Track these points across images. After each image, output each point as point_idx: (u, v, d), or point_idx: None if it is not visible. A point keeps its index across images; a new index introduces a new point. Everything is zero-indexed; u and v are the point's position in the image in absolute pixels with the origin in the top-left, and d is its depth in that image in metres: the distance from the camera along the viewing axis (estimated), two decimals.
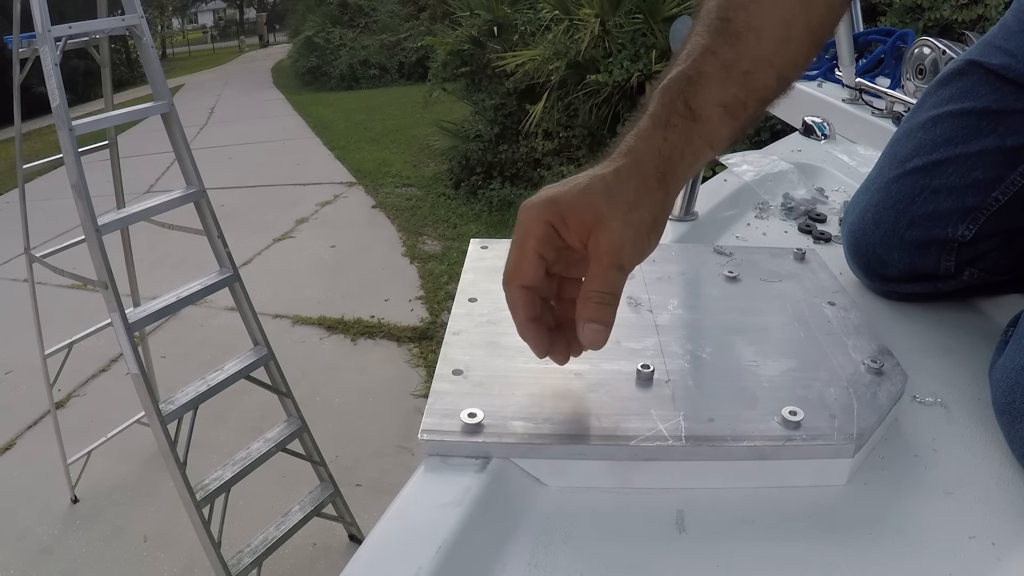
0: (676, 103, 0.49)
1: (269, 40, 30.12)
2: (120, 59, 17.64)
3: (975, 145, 0.68)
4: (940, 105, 0.72)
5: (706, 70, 0.50)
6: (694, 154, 0.49)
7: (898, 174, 0.72)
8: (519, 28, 5.35)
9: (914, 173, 0.71)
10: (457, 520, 0.43)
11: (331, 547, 2.41)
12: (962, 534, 0.44)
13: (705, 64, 0.50)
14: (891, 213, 0.71)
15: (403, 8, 12.70)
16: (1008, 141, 0.67)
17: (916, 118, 0.75)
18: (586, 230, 0.46)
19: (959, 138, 0.69)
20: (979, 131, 0.68)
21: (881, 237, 0.72)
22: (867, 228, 0.73)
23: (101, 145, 2.55)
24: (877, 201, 0.73)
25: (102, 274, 1.74)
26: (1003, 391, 0.51)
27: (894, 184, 0.72)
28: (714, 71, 0.50)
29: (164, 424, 1.81)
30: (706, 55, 0.50)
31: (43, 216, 4.01)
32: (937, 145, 0.70)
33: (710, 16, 0.52)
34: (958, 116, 0.70)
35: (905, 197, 0.71)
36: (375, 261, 4.79)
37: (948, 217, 0.68)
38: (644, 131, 0.49)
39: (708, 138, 0.49)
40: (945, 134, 0.70)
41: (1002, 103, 0.68)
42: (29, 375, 3.37)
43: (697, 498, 0.47)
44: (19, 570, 2.45)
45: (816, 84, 1.45)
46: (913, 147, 0.72)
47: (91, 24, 1.88)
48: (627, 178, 0.47)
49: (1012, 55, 0.68)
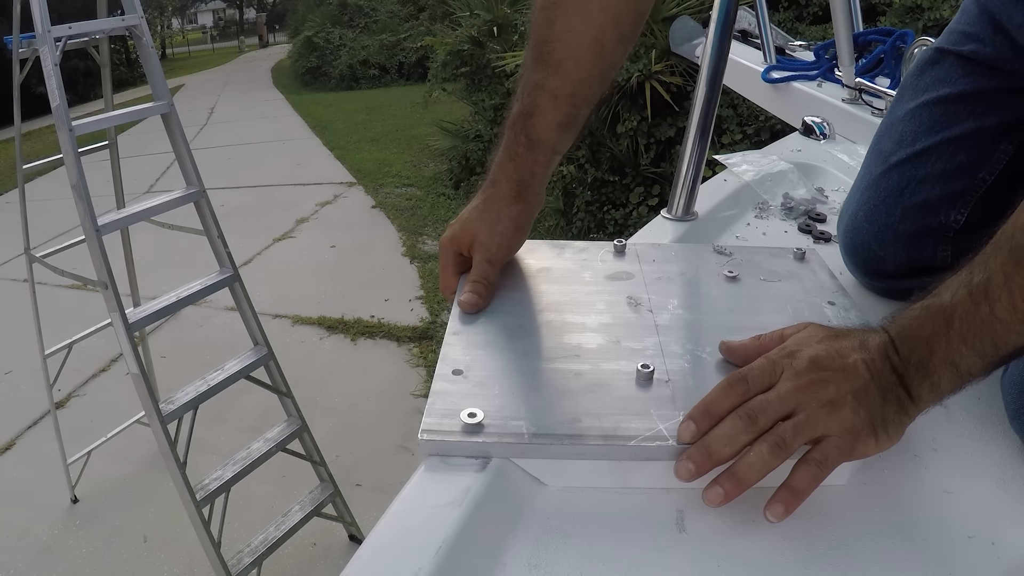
0: (519, 136, 0.65)
1: (269, 40, 30.10)
2: (120, 59, 17.63)
3: (955, 130, 0.69)
4: (917, 96, 0.73)
5: (539, 102, 0.64)
6: (543, 165, 0.66)
7: (884, 169, 0.73)
8: (519, 28, 5.35)
9: (899, 166, 0.72)
10: (457, 520, 0.43)
11: (331, 547, 2.41)
12: (962, 534, 0.44)
13: (537, 97, 0.64)
14: (882, 208, 0.72)
15: (403, 8, 12.69)
16: (987, 121, 0.68)
17: (895, 112, 0.76)
18: (470, 245, 0.67)
19: (939, 125, 0.70)
20: (957, 116, 0.70)
21: (875, 233, 0.72)
22: (860, 226, 0.74)
23: (101, 145, 2.55)
24: (868, 198, 0.74)
25: (102, 274, 1.74)
26: (1013, 397, 0.52)
27: (881, 180, 0.73)
28: (545, 102, 0.64)
29: (164, 424, 1.81)
30: (536, 90, 0.64)
31: (43, 216, 4.00)
32: (919, 135, 0.71)
33: (535, 49, 0.64)
34: (935, 104, 0.71)
35: (894, 191, 0.71)
36: (375, 261, 4.79)
37: (939, 205, 0.69)
38: (500, 164, 0.67)
39: (551, 152, 0.66)
40: (925, 123, 0.71)
41: (976, 85, 0.69)
42: (29, 375, 3.36)
43: (697, 498, 0.47)
44: (19, 570, 2.45)
45: (816, 84, 1.45)
46: (895, 140, 0.73)
47: (91, 24, 1.88)
48: (489, 204, 0.67)
49: (979, 40, 0.70)
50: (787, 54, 1.63)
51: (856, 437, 0.47)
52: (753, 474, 0.46)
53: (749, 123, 3.84)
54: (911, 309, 0.49)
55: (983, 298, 0.45)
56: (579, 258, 0.72)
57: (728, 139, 3.89)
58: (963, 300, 0.46)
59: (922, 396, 0.48)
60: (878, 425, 0.47)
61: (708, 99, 0.88)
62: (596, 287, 0.66)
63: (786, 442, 0.47)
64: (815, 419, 0.47)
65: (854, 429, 0.47)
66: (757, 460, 0.46)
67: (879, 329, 0.50)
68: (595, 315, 0.61)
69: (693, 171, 0.91)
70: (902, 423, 0.48)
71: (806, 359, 0.50)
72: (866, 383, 0.48)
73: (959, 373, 0.47)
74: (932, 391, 0.48)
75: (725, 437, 0.47)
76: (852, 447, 0.47)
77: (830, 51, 1.46)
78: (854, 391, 0.48)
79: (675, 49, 1.77)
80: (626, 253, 0.72)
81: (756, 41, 1.62)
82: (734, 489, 0.46)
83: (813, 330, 0.53)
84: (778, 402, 0.48)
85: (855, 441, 0.47)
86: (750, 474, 0.46)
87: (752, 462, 0.46)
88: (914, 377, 0.48)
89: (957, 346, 0.46)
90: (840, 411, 0.47)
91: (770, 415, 0.48)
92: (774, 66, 1.54)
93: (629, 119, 4.30)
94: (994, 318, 0.44)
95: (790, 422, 0.47)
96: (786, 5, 4.23)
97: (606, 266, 0.70)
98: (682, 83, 4.04)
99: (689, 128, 0.89)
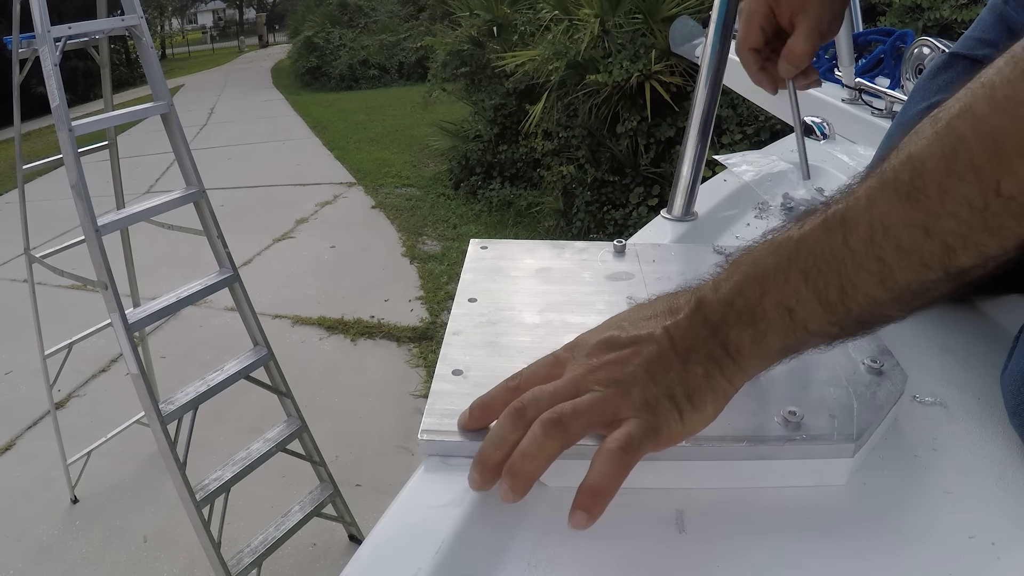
0: None
1: (269, 40, 30.10)
2: (120, 59, 17.63)
3: None
4: (928, 97, 0.74)
5: None
6: None
7: None
8: (519, 28, 5.35)
9: None
10: (457, 520, 0.43)
11: (331, 547, 2.41)
12: (962, 534, 0.44)
13: None
14: None
15: (403, 8, 12.69)
16: None
17: (907, 112, 0.77)
18: (793, 11, 0.68)
19: None
20: None
21: None
22: None
23: (101, 145, 2.55)
24: None
25: (102, 274, 1.74)
26: (1012, 393, 0.52)
27: None
28: None
29: (164, 424, 1.81)
30: None
31: (43, 216, 4.01)
32: None
33: None
34: None
35: None
36: (375, 261, 4.79)
37: None
38: None
39: None
40: None
41: None
42: (29, 375, 3.37)
43: (697, 498, 0.47)
44: (19, 570, 2.45)
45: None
46: None
47: (91, 24, 1.88)
48: None
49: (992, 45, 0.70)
50: None
51: (654, 413, 0.41)
52: (530, 462, 0.41)
53: (749, 123, 3.84)
54: (753, 245, 0.42)
55: (839, 226, 0.38)
56: (579, 258, 0.71)
57: (728, 139, 3.89)
58: (815, 229, 0.39)
59: (742, 349, 0.41)
60: (679, 395, 0.41)
61: (708, 99, 0.87)
62: (596, 287, 0.66)
63: (563, 421, 0.41)
64: (601, 399, 0.42)
65: (648, 405, 0.41)
66: (531, 445, 0.41)
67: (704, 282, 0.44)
68: (595, 315, 0.61)
69: (693, 171, 0.91)
70: (715, 389, 0.42)
71: (592, 343, 0.45)
72: (662, 350, 0.42)
73: (793, 323, 0.40)
74: (756, 343, 0.41)
75: (495, 439, 0.42)
76: (654, 426, 0.41)
77: (830, 51, 1.46)
78: (647, 362, 0.42)
79: (675, 49, 1.77)
80: (626, 253, 0.72)
81: None
82: (514, 483, 0.41)
83: (627, 311, 0.47)
84: (551, 392, 0.43)
85: (655, 418, 0.41)
86: (526, 463, 0.41)
87: (525, 448, 0.41)
88: (733, 325, 0.41)
89: (796, 284, 0.39)
90: (630, 388, 0.42)
91: (540, 407, 0.42)
92: None
93: (629, 119, 4.30)
94: (846, 250, 0.38)
95: (570, 402, 0.42)
96: None
97: (606, 266, 0.70)
98: (682, 83, 4.04)
99: (689, 128, 0.89)
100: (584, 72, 4.33)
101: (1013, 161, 0.32)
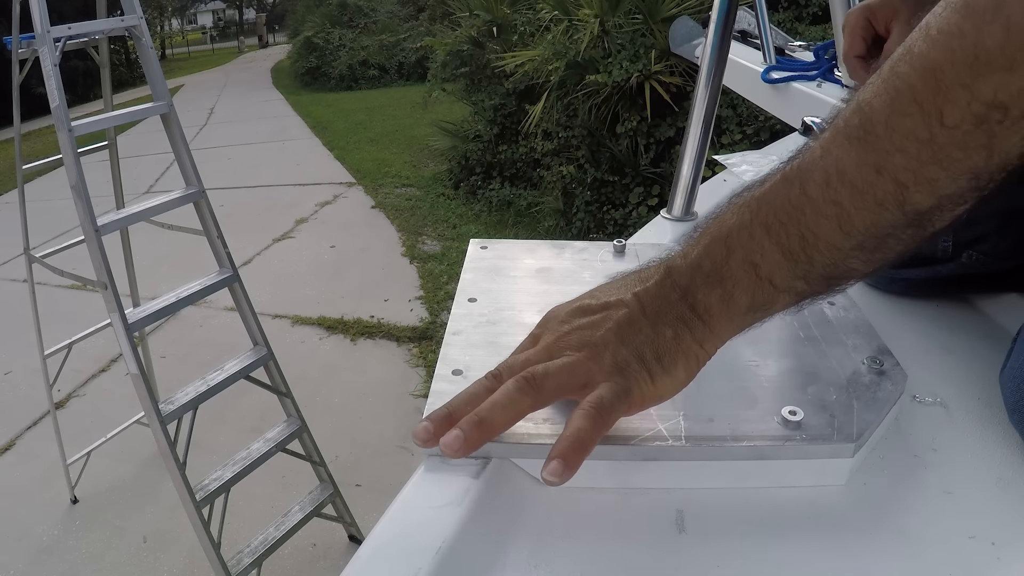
0: None
1: (268, 41, 30.10)
2: (120, 59, 17.63)
3: None
4: None
5: None
6: None
7: None
8: (518, 28, 5.36)
9: None
10: (457, 520, 0.43)
11: (331, 547, 2.41)
12: (962, 534, 0.44)
13: None
14: None
15: (402, 8, 12.70)
16: None
17: None
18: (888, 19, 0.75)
19: None
20: None
21: None
22: None
23: (101, 146, 2.55)
24: None
25: (102, 274, 1.74)
26: (1012, 391, 0.52)
27: None
28: None
29: (164, 424, 1.81)
30: None
31: (43, 216, 4.01)
32: None
33: None
34: None
35: None
36: (375, 261, 4.79)
37: None
38: None
39: None
40: None
41: None
42: (29, 375, 3.37)
43: (697, 498, 0.47)
44: (19, 570, 2.45)
45: (816, 84, 1.45)
46: None
47: (90, 25, 1.88)
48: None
49: None
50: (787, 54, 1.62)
51: (624, 375, 0.42)
52: (499, 412, 0.42)
53: (749, 123, 3.85)
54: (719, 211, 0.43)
55: (795, 177, 0.39)
56: (579, 258, 0.71)
57: (728, 139, 3.89)
58: (775, 185, 0.40)
59: (711, 310, 0.42)
60: (649, 357, 0.42)
61: (708, 99, 0.88)
62: None
63: (536, 378, 0.42)
64: (572, 362, 0.43)
65: (618, 367, 0.42)
66: (502, 396, 0.42)
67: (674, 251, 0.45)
68: None
69: (693, 171, 0.91)
70: (685, 351, 0.42)
71: (565, 312, 0.46)
72: (632, 314, 0.43)
73: (758, 278, 0.40)
74: (723, 302, 0.41)
75: (467, 395, 0.44)
76: (625, 388, 0.42)
77: (830, 51, 1.46)
78: (617, 326, 0.43)
79: (675, 49, 1.77)
80: (626, 253, 0.72)
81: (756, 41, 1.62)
82: (474, 431, 0.41)
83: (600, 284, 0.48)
84: (524, 359, 0.44)
85: (625, 381, 0.42)
86: (494, 411, 0.42)
87: (496, 399, 0.42)
88: (701, 287, 0.42)
89: (760, 238, 0.40)
90: (601, 351, 0.43)
91: (514, 372, 0.43)
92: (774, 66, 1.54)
93: (629, 119, 4.30)
94: (805, 198, 0.38)
95: (542, 364, 0.43)
96: (786, 5, 4.24)
97: (606, 266, 0.70)
98: (682, 83, 4.04)
99: (689, 128, 0.89)
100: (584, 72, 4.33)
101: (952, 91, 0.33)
